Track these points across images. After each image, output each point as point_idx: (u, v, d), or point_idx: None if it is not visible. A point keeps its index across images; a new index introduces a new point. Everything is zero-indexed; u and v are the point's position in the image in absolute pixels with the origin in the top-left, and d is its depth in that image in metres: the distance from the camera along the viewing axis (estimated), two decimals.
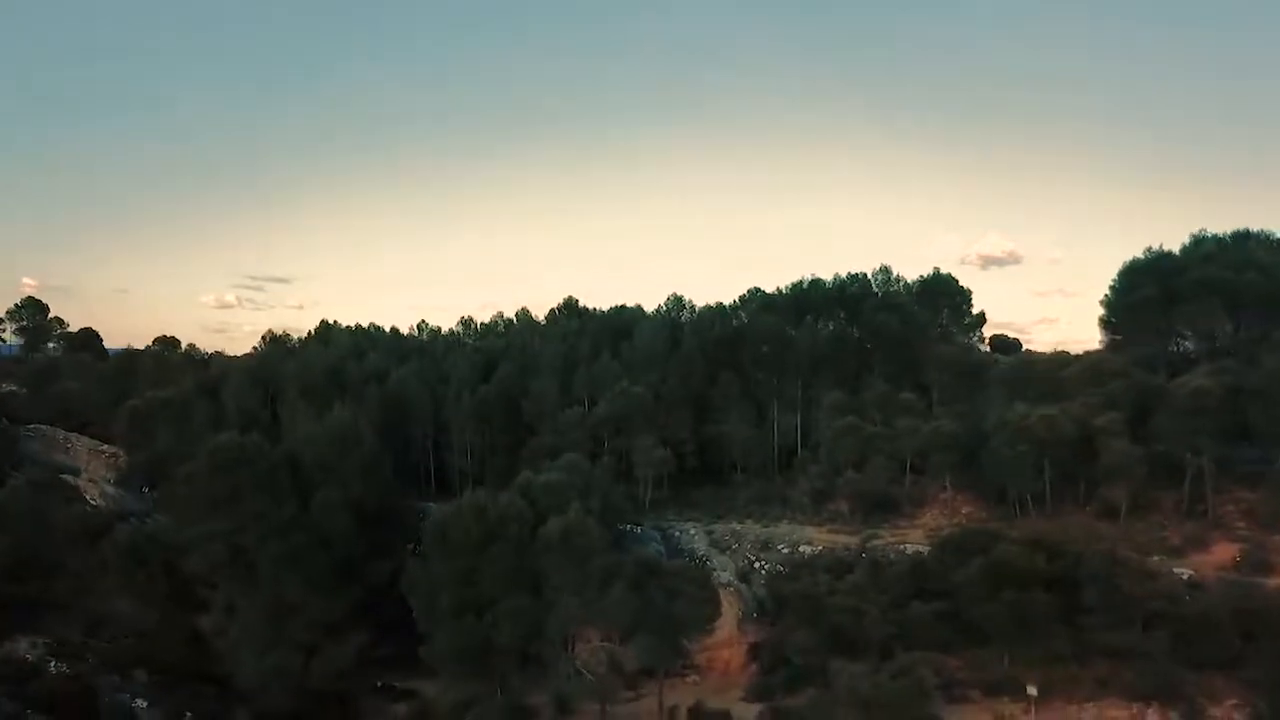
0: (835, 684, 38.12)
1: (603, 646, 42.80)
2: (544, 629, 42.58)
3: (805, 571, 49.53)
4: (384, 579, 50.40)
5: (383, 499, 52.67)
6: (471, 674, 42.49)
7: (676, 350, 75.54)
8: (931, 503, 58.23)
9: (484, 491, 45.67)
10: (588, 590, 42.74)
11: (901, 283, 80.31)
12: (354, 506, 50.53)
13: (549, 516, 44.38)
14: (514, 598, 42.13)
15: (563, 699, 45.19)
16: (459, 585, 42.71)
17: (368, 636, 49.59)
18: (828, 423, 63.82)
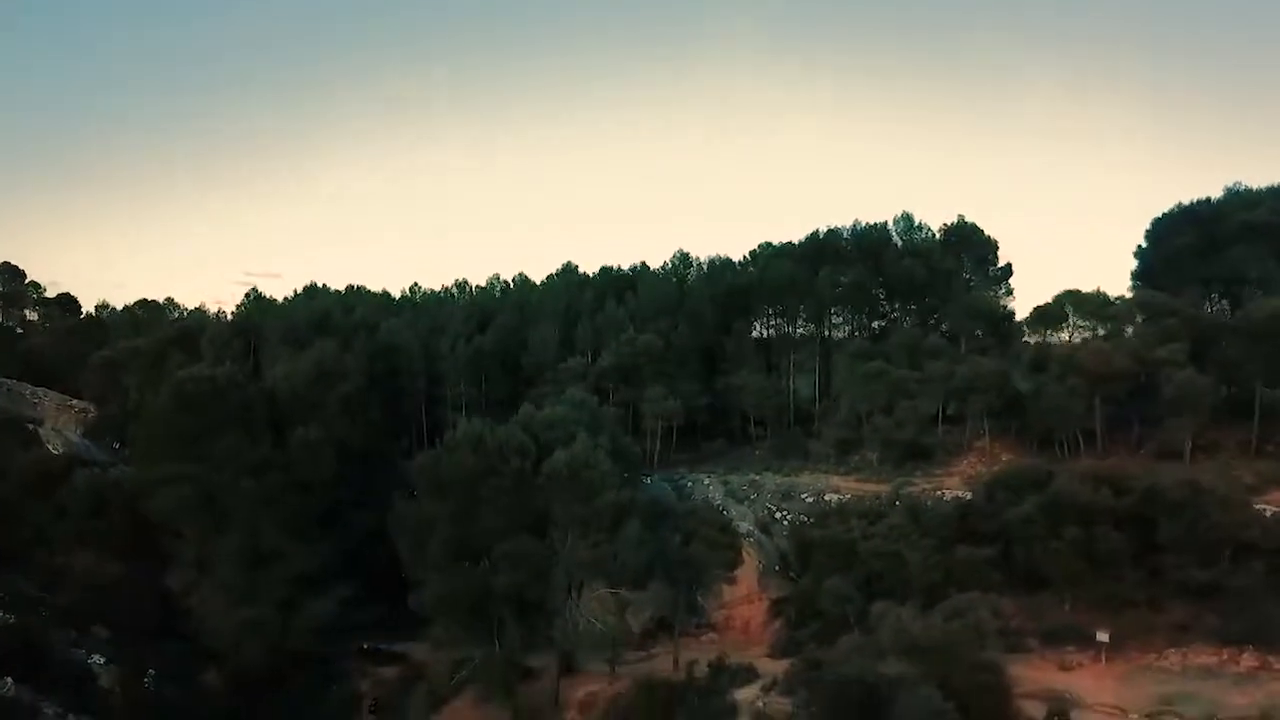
0: (878, 629, 33.66)
1: (612, 594, 38.32)
2: (547, 574, 38.11)
3: (835, 518, 44.98)
4: (369, 529, 45.94)
5: (369, 440, 48.04)
6: (466, 625, 38.09)
7: (685, 300, 71.00)
8: (967, 451, 53.82)
9: (480, 420, 41.01)
10: (596, 530, 38.33)
11: (925, 230, 75.64)
12: (337, 447, 46.04)
13: (553, 450, 39.81)
14: (514, 539, 37.67)
15: (568, 653, 40.90)
16: (452, 525, 38.27)
17: (351, 591, 45.10)
18: (850, 370, 59.20)
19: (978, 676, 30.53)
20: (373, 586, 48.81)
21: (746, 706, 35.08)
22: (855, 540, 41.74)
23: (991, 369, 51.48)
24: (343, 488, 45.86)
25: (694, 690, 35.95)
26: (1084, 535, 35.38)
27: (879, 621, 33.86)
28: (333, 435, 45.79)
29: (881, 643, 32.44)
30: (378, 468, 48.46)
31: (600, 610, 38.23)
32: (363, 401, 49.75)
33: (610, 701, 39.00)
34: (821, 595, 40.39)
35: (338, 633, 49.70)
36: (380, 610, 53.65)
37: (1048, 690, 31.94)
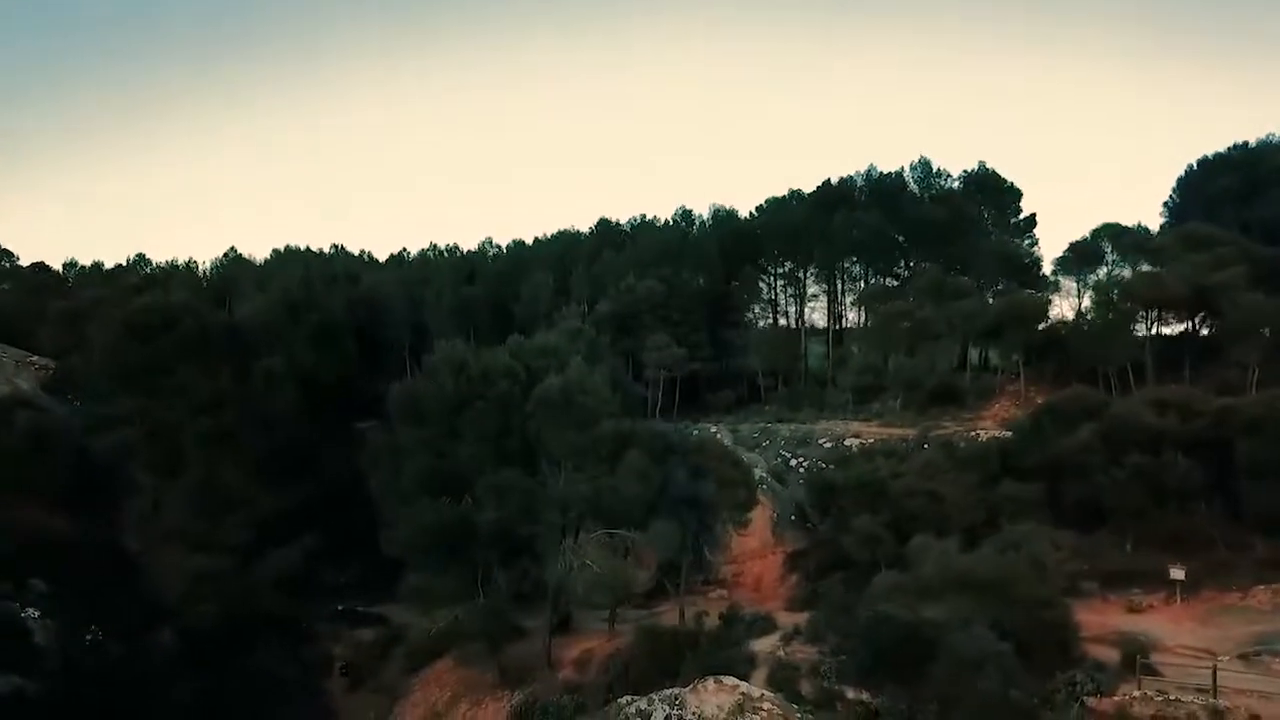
0: (917, 565, 29.34)
1: (610, 535, 33.95)
2: (537, 511, 33.72)
3: (859, 460, 40.69)
4: (344, 477, 41.60)
5: (343, 378, 43.51)
6: (444, 570, 33.62)
7: (689, 248, 66.70)
8: (999, 394, 49.59)
9: (463, 344, 36.57)
10: (593, 463, 33.93)
11: (945, 176, 71.33)
12: (304, 382, 41.52)
13: (545, 377, 35.39)
14: (500, 471, 33.22)
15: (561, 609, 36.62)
16: (430, 456, 33.94)
17: (320, 542, 40.70)
18: (869, 312, 54.97)
19: (1039, 615, 26.29)
20: (349, 545, 44.62)
21: (765, 657, 30.79)
22: (884, 480, 37.47)
23: (1030, 300, 47.12)
24: (312, 427, 41.39)
25: (705, 641, 31.61)
26: (1150, 463, 31.01)
27: (919, 557, 29.53)
28: (299, 369, 41.26)
29: (923, 579, 28.13)
30: (352, 404, 43.88)
31: (598, 555, 33.77)
32: (334, 333, 45.18)
33: (609, 658, 34.70)
34: (847, 540, 36.06)
35: (309, 593, 45.47)
36: (357, 571, 49.70)
37: (1117, 633, 27.63)
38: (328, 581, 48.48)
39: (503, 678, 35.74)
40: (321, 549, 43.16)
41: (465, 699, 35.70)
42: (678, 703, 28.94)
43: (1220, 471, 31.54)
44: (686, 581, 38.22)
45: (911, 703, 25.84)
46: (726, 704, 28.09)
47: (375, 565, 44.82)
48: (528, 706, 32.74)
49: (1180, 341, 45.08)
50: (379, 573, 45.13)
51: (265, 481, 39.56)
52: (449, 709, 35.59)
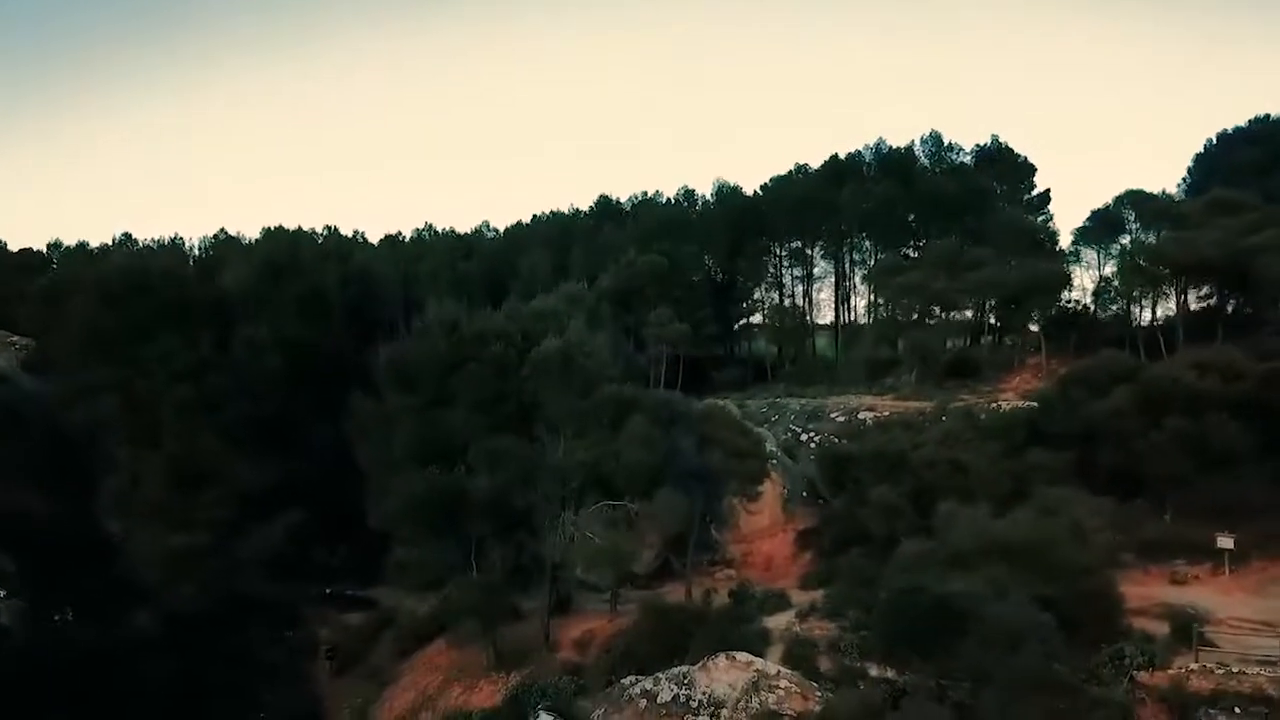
0: (945, 533, 27.19)
1: (612, 507, 31.86)
2: (534, 480, 31.60)
3: (875, 433, 38.61)
4: (331, 449, 39.43)
5: (330, 347, 41.28)
6: (436, 544, 31.49)
7: (692, 223, 64.60)
8: (1018, 367, 47.42)
9: (456, 305, 34.42)
10: (594, 429, 31.82)
11: (957, 150, 69.15)
12: (290, 350, 39.35)
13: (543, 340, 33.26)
14: (494, 437, 31.07)
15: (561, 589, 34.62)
16: (420, 423, 31.76)
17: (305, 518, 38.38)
18: (881, 284, 52.87)
19: (1080, 583, 24.15)
20: (338, 525, 42.49)
21: (781, 634, 28.71)
22: (902, 451, 35.36)
23: (1052, 269, 44.97)
24: (298, 399, 39.24)
25: (715, 618, 29.53)
26: (1191, 426, 28.87)
27: (946, 525, 27.38)
28: (284, 337, 39.11)
29: (953, 548, 25.99)
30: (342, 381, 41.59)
31: (599, 527, 31.68)
32: (322, 300, 42.98)
33: (611, 638, 32.62)
34: (863, 513, 33.96)
35: (296, 575, 43.26)
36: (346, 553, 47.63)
37: (1162, 605, 25.53)
38: (316, 563, 46.34)
39: (498, 660, 33.71)
40: (309, 528, 40.93)
41: (458, 683, 33.62)
42: (686, 681, 26.87)
43: (1267, 437, 29.39)
44: (692, 561, 36.09)
45: (941, 679, 23.74)
46: (740, 682, 26.03)
47: (365, 547, 42.82)
48: (525, 689, 30.65)
49: (1211, 311, 42.94)
50: (369, 555, 43.12)
51: (249, 455, 37.31)
52: (440, 693, 33.51)
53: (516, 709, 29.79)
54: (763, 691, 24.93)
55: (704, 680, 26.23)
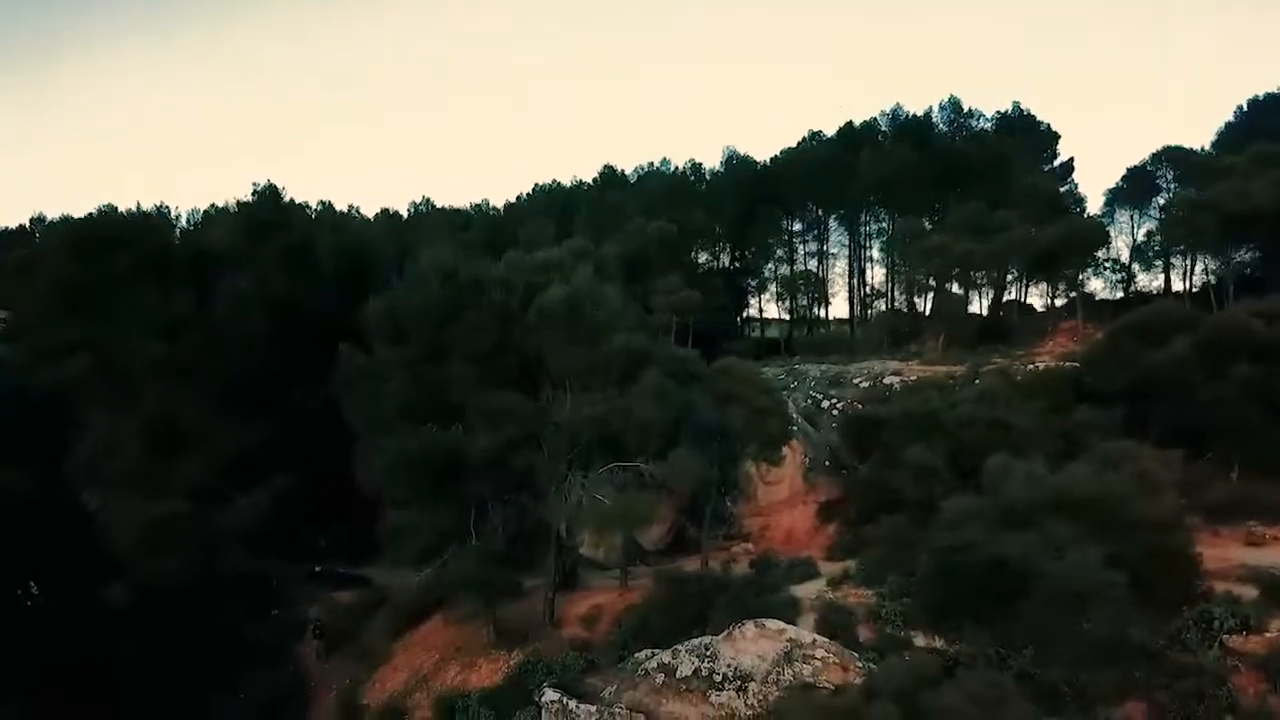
0: (996, 488, 24.46)
1: (623, 469, 29.21)
2: (537, 439, 28.94)
3: (903, 396, 35.96)
4: (321, 415, 36.74)
5: (317, 304, 38.43)
6: (431, 508, 28.79)
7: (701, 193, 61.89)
8: (1053, 332, 44.75)
9: (451, 249, 31.66)
10: (603, 382, 29.14)
11: (977, 116, 66.38)
12: (275, 307, 36.68)
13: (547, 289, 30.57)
14: (494, 392, 28.38)
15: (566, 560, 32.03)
16: (414, 379, 29.03)
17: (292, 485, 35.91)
18: (904, 248, 50.19)
19: (1153, 540, 21.49)
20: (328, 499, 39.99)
21: (812, 604, 26.04)
22: (936, 411, 32.70)
23: (1088, 226, 42.26)
24: (285, 359, 36.55)
25: (739, 586, 26.91)
26: (1262, 374, 26.18)
27: (996, 479, 24.64)
28: (270, 293, 36.42)
29: (1006, 503, 23.30)
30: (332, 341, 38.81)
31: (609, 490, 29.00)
32: (310, 255, 40.18)
33: (622, 613, 30.03)
34: (896, 477, 31.29)
35: (283, 551, 40.83)
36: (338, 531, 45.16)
37: (1244, 566, 22.86)
38: (305, 540, 43.87)
39: (498, 637, 31.15)
40: (296, 499, 38.45)
41: (455, 661, 31.08)
42: (709, 653, 24.18)
43: None
44: (708, 534, 33.48)
45: (999, 648, 21.11)
46: (770, 652, 23.35)
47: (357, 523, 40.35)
48: (528, 666, 28.06)
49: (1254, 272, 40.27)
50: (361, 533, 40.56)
51: (231, 418, 34.84)
52: (436, 672, 30.96)
53: (519, 687, 27.22)
54: (797, 663, 22.27)
55: (729, 651, 23.58)
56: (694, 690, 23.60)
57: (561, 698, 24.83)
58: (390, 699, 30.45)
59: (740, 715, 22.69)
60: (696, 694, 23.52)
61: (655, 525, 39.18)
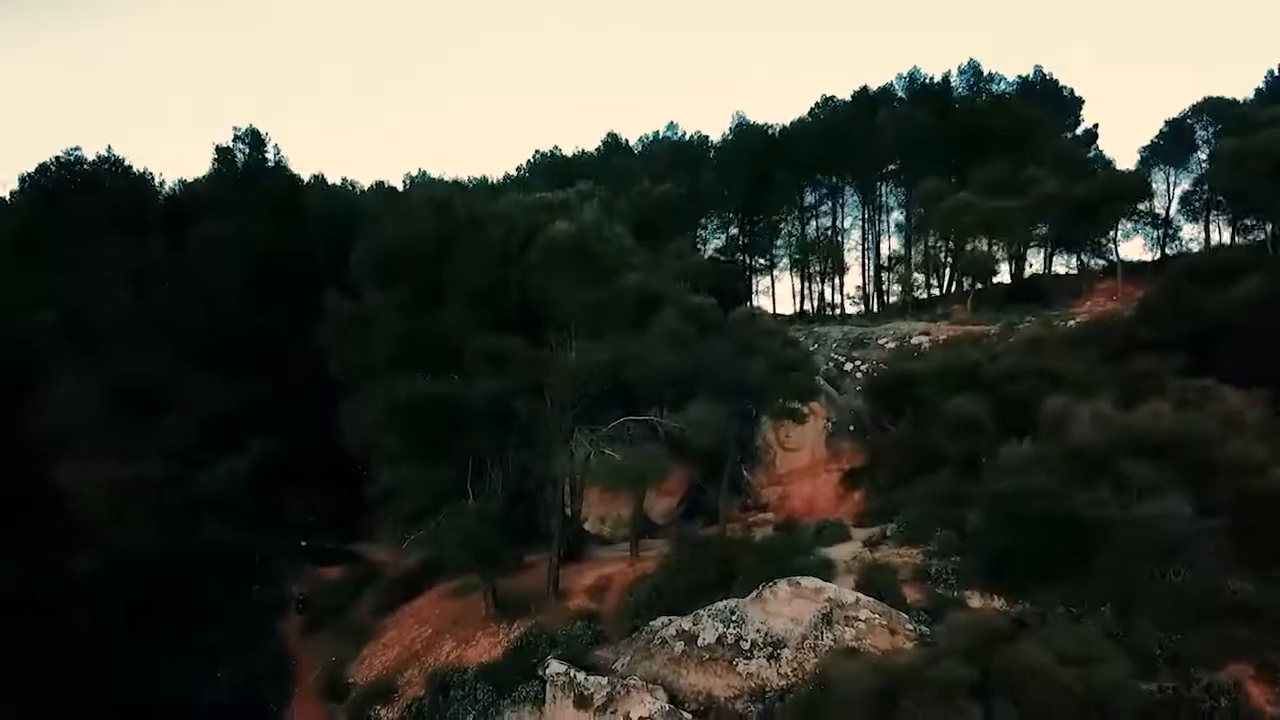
0: (1057, 433, 21.83)
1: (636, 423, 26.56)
2: (540, 389, 26.31)
3: (937, 353, 33.29)
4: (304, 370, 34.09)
5: (303, 255, 35.53)
6: (425, 460, 26.08)
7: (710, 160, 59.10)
8: (1089, 293, 42.01)
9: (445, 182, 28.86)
10: (612, 326, 26.51)
11: (998, 80, 63.55)
12: (257, 257, 33.98)
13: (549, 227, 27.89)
14: (492, 334, 25.73)
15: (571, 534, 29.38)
16: (405, 322, 26.34)
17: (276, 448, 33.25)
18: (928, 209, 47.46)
19: (1250, 483, 18.85)
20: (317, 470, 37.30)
21: (848, 564, 23.34)
22: (977, 364, 30.02)
23: (1129, 177, 39.52)
24: (268, 312, 33.85)
25: (769, 545, 24.25)
26: None
27: (1058, 423, 21.99)
28: (252, 241, 33.70)
29: (1073, 446, 20.65)
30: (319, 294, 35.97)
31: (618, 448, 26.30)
32: (295, 203, 37.39)
33: (634, 584, 27.33)
34: (935, 433, 28.58)
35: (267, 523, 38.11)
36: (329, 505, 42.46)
37: None
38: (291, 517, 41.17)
39: (498, 609, 28.48)
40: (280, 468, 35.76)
41: (450, 635, 28.43)
42: (735, 618, 21.49)
43: None
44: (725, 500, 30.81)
45: (1071, 606, 18.42)
46: (806, 615, 20.64)
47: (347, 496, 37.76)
48: (531, 638, 25.39)
49: None
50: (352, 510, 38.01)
51: (208, 375, 32.12)
52: (429, 648, 28.29)
53: (521, 661, 24.56)
54: (838, 625, 19.60)
55: (758, 615, 20.91)
56: (718, 659, 20.97)
57: (568, 670, 22.20)
58: (379, 676, 27.79)
59: (772, 685, 20.03)
60: (721, 663, 20.89)
61: (666, 496, 36.55)
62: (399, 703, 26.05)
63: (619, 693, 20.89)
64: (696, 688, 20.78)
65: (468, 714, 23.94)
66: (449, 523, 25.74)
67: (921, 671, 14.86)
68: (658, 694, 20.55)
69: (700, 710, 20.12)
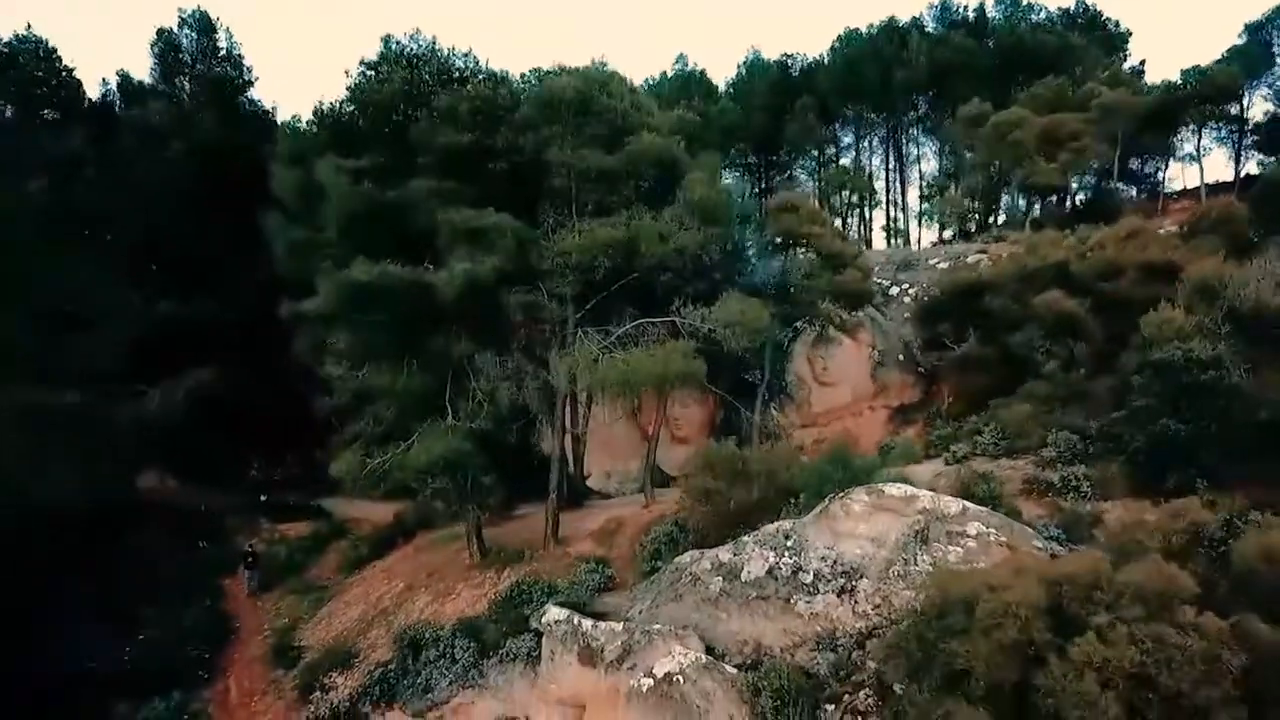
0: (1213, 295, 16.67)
1: (651, 324, 21.43)
2: (533, 271, 21.22)
3: (1008, 263, 28.16)
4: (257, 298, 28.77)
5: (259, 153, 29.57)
6: (389, 360, 20.90)
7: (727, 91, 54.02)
8: (1164, 212, 36.84)
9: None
10: (625, 200, 21.43)
11: (1037, 10, 58.34)
12: (201, 151, 28.80)
13: None
14: (474, 212, 20.53)
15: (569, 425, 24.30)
16: (365, 195, 21.08)
17: (219, 377, 28.14)
18: (968, 133, 42.34)
19: None
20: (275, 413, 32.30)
21: (933, 481, 18.12)
22: (1064, 263, 24.92)
23: (1220, 72, 34.34)
24: (211, 218, 28.61)
25: (831, 454, 19.16)
26: None
27: (1210, 289, 16.79)
28: (194, 132, 28.47)
29: (1246, 307, 15.48)
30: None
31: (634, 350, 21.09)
32: (247, 93, 32.01)
33: (650, 524, 22.18)
34: (1017, 342, 23.43)
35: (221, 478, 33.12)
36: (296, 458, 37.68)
37: None
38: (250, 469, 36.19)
39: (483, 556, 23.40)
40: (233, 406, 30.71)
41: (426, 589, 23.33)
42: (791, 545, 16.23)
43: None
44: (761, 423, 25.59)
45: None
46: (893, 533, 15.31)
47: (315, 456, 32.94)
48: (523, 589, 20.20)
49: None
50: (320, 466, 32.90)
51: (141, 290, 26.98)
52: (400, 604, 23.17)
53: (510, 612, 19.41)
54: (937, 544, 14.45)
55: (823, 538, 15.75)
56: (769, 598, 15.79)
57: (571, 618, 17.02)
58: (337, 638, 22.65)
59: (845, 628, 14.82)
60: (773, 603, 15.71)
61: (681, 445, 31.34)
62: (360, 668, 20.93)
63: (638, 642, 15.72)
64: (740, 635, 15.61)
65: (443, 678, 18.79)
66: (421, 444, 20.57)
67: (1111, 578, 9.71)
68: (690, 642, 15.36)
69: (748, 664, 14.92)
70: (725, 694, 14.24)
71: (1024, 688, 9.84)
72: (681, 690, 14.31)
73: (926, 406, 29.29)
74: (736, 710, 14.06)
